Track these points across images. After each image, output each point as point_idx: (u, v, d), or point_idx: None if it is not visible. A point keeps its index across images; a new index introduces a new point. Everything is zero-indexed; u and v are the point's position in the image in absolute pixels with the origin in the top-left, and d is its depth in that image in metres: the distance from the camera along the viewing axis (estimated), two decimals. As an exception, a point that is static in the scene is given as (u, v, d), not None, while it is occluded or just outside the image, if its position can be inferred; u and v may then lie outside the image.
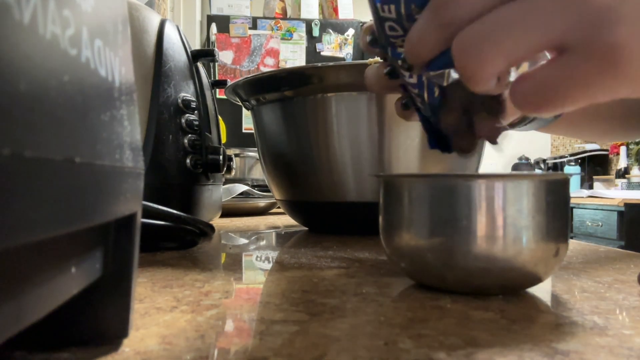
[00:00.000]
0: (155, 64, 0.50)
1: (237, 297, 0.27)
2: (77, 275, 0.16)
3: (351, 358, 0.18)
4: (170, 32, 0.53)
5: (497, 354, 0.18)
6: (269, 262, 0.40)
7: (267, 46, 2.66)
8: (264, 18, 2.72)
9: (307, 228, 0.63)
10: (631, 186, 2.98)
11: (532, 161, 3.72)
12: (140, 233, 0.20)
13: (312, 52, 2.70)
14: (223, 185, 0.76)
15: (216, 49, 0.61)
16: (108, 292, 0.18)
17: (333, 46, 2.70)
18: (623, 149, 3.17)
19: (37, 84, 0.11)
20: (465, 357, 0.18)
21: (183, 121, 0.52)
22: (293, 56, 2.69)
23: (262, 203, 0.87)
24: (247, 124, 2.58)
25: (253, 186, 0.98)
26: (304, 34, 2.70)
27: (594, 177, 3.43)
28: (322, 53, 2.69)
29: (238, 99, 0.64)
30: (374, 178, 0.34)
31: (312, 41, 2.70)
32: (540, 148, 3.98)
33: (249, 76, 0.56)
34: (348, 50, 2.69)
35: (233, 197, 0.87)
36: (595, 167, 3.45)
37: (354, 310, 0.24)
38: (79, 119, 0.13)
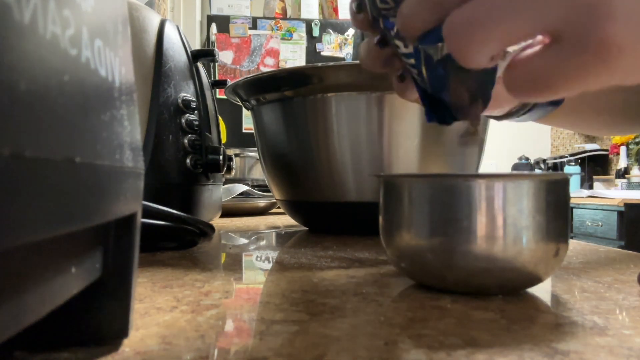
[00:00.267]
0: (155, 64, 0.50)
1: (237, 297, 0.27)
2: (77, 275, 0.16)
3: (351, 358, 0.18)
4: (170, 32, 0.53)
5: (497, 354, 0.18)
6: (269, 262, 0.40)
7: (267, 46, 2.67)
8: (264, 18, 2.72)
9: (307, 228, 0.63)
10: (631, 186, 2.98)
11: (532, 161, 3.72)
12: (140, 233, 0.20)
13: (312, 52, 2.70)
14: (223, 185, 0.76)
15: (216, 49, 0.61)
16: (108, 292, 0.18)
17: (333, 46, 2.70)
18: (623, 149, 3.16)
19: (37, 84, 0.11)
20: (465, 357, 0.18)
21: (183, 121, 0.52)
22: (293, 56, 2.69)
23: (262, 203, 0.87)
24: (247, 124, 2.58)
25: (253, 186, 0.98)
26: (304, 34, 2.70)
27: (594, 177, 3.43)
28: (322, 53, 2.70)
29: (238, 99, 0.64)
30: (374, 178, 0.34)
31: (312, 41, 2.70)
32: (540, 148, 3.97)
33: (249, 76, 0.56)
34: (348, 50, 2.69)
35: (233, 197, 0.87)
36: (595, 167, 3.45)
37: (354, 310, 0.24)
38: (79, 119, 0.13)
